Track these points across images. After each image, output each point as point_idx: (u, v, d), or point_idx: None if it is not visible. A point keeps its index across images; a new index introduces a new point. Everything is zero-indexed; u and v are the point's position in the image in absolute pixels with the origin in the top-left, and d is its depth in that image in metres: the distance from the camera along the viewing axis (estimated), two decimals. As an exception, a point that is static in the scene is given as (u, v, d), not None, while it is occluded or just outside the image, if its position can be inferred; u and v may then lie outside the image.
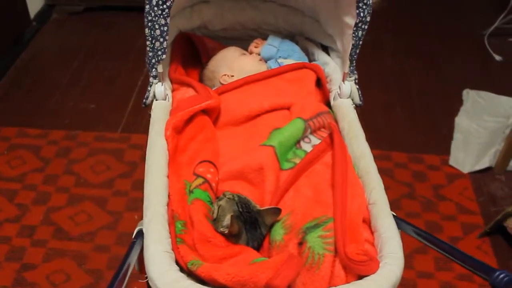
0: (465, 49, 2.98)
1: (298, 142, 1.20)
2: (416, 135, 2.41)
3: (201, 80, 1.48)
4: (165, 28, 1.21)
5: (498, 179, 2.22)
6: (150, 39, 1.22)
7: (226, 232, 1.01)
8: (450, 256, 1.01)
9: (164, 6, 1.18)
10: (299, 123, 1.20)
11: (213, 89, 1.35)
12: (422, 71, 2.81)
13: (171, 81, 1.37)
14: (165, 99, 1.30)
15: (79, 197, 2.04)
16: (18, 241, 1.87)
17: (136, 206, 2.01)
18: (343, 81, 1.33)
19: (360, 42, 1.27)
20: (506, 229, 1.92)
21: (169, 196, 1.08)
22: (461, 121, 2.48)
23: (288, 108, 1.28)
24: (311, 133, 1.23)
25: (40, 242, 1.87)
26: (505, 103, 2.55)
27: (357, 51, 1.28)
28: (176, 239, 1.01)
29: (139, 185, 2.12)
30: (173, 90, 1.36)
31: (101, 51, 2.86)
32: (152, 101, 1.31)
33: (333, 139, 1.12)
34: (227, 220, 1.00)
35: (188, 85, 1.33)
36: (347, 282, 0.95)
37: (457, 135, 2.40)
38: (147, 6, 1.20)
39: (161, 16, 1.19)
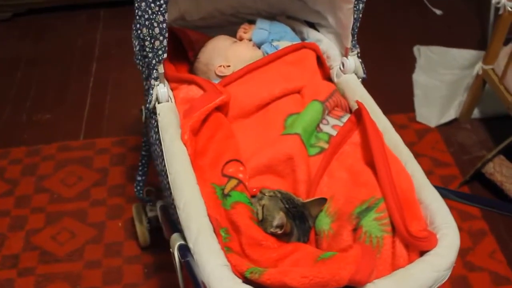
0: (406, 7, 3.01)
1: (317, 125, 1.17)
2: (379, 97, 2.41)
3: (193, 74, 1.40)
4: (164, 25, 1.12)
5: (464, 128, 2.28)
6: (148, 39, 1.13)
7: (279, 232, 0.96)
8: (494, 209, 1.03)
9: (162, 1, 1.09)
10: (317, 106, 1.17)
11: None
12: (369, 34, 2.82)
13: (168, 80, 1.27)
14: (168, 101, 1.22)
15: (57, 215, 1.90)
16: (3, 274, 1.72)
17: (117, 213, 1.91)
18: (346, 56, 1.30)
19: (360, 15, 1.24)
20: (485, 175, 1.99)
21: (203, 203, 1.01)
22: (418, 77, 2.52)
23: (298, 92, 1.24)
24: (328, 113, 1.20)
25: (27, 270, 1.72)
26: (457, 54, 2.61)
27: (358, 24, 1.26)
28: (224, 248, 0.95)
29: (116, 191, 2.03)
30: (172, 90, 1.27)
31: (42, 58, 2.64)
32: (154, 105, 1.22)
33: (363, 116, 1.09)
34: (278, 219, 0.96)
35: (190, 82, 1.24)
36: (410, 260, 0.94)
37: (417, 92, 2.44)
38: (143, 4, 1.10)
39: (159, 13, 1.10)
